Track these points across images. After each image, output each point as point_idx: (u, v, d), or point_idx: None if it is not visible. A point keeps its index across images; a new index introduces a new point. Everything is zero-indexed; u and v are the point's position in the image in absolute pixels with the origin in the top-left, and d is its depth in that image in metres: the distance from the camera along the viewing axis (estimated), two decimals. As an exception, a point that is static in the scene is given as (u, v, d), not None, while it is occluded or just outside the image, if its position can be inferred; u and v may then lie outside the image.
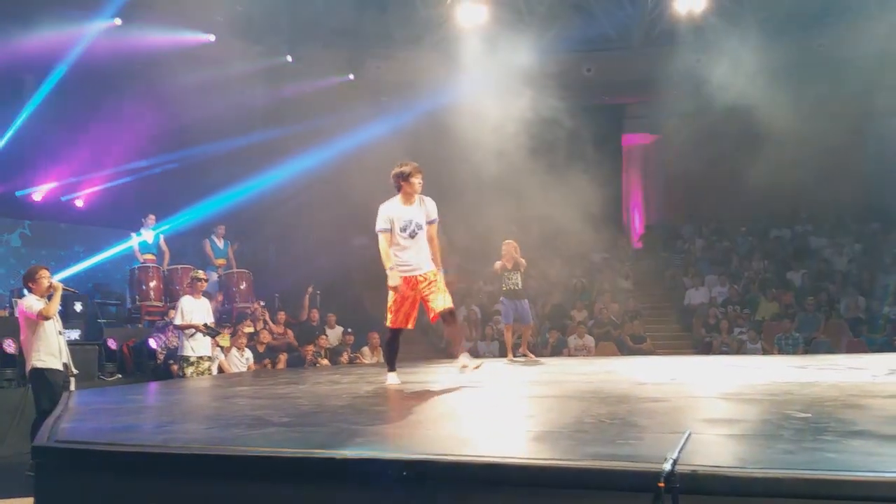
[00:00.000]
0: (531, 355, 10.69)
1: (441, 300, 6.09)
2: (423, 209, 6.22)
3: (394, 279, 6.08)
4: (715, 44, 15.95)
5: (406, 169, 6.14)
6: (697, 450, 2.82)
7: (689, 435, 2.92)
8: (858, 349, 13.04)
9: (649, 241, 19.49)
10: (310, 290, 14.13)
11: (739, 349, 13.65)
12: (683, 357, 12.24)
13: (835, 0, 16.61)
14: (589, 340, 14.08)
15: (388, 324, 6.28)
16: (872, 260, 16.05)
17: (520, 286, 10.30)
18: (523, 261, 10.32)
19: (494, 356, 13.98)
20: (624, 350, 14.15)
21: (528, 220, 18.02)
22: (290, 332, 13.00)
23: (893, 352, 12.07)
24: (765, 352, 13.30)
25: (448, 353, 5.76)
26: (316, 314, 13.62)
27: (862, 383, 5.59)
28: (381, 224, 6.15)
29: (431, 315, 6.16)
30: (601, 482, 2.52)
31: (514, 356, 10.44)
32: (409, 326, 6.32)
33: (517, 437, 3.47)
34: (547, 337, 14.50)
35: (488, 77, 14.96)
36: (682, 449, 2.62)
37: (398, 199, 6.19)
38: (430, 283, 6.13)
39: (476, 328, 15.06)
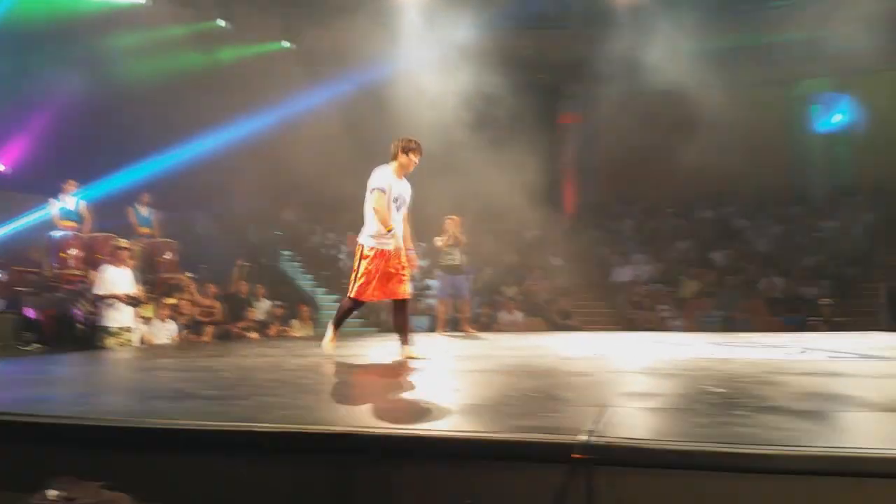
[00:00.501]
0: (472, 330, 10.81)
1: (408, 287, 5.99)
2: (409, 189, 6.10)
3: (389, 242, 5.78)
4: (651, 27, 16.17)
5: (413, 143, 5.99)
6: (614, 422, 2.89)
7: (607, 408, 2.99)
8: (775, 328, 13.56)
9: (581, 219, 19.78)
10: (239, 262, 13.88)
11: (662, 326, 14.05)
12: (609, 333, 12.53)
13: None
14: (519, 316, 14.26)
15: (354, 294, 5.94)
16: (791, 242, 16.65)
17: (457, 262, 10.41)
18: (463, 237, 10.44)
19: (423, 331, 14.05)
20: (552, 326, 14.39)
21: (462, 196, 18.09)
22: (218, 304, 12.76)
23: (808, 331, 12.60)
24: (686, 329, 13.71)
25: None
26: (245, 286, 13.40)
27: (776, 361, 5.81)
28: (379, 182, 5.84)
29: (393, 295, 5.92)
30: (518, 454, 2.56)
31: (450, 331, 10.59)
32: (380, 298, 6.09)
33: (441, 411, 3.49)
34: (479, 312, 14.62)
35: (427, 51, 14.85)
36: (598, 421, 2.68)
37: (392, 168, 5.95)
38: (403, 266, 5.94)
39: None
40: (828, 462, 2.38)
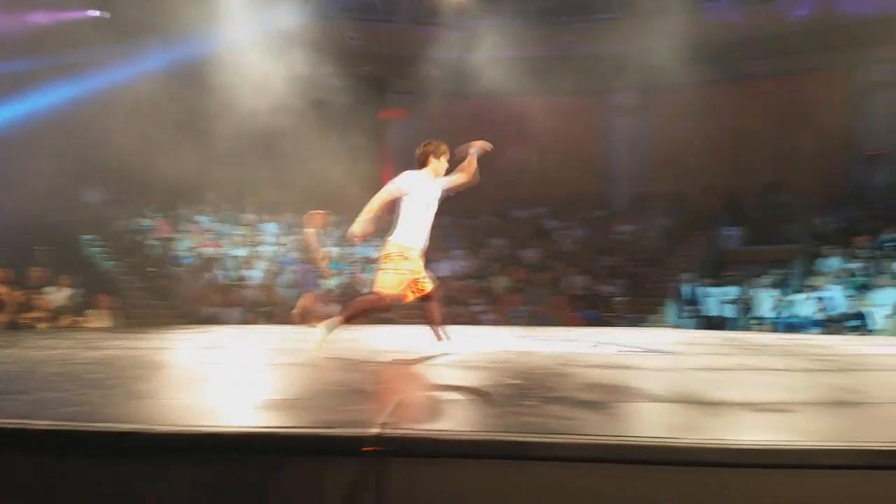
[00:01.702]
0: (315, 323, 10.70)
1: (431, 282, 5.89)
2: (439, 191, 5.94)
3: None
4: (474, 31, 16.66)
5: (443, 147, 5.93)
6: (409, 414, 2.95)
7: (401, 400, 3.04)
8: (575, 322, 14.47)
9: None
10: (36, 247, 12.76)
11: (475, 320, 14.55)
12: (422, 327, 12.77)
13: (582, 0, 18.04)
14: (336, 309, 14.16)
15: (388, 291, 5.68)
16: (593, 243, 17.80)
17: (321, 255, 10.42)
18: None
19: (237, 323, 13.64)
20: (372, 319, 14.43)
21: (284, 183, 17.75)
22: (6, 289, 11.65)
23: (604, 326, 13.55)
24: (497, 323, 14.29)
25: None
26: (39, 273, 12.33)
27: (571, 353, 6.19)
28: (404, 184, 5.78)
29: (417, 295, 5.81)
30: (310, 448, 2.54)
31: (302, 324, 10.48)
32: (407, 299, 5.93)
33: (239, 407, 3.40)
34: (293, 305, 14.40)
35: (249, 32, 14.37)
36: (391, 414, 2.72)
37: (425, 173, 5.88)
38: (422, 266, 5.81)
39: (221, 294, 14.53)
40: (605, 450, 2.56)
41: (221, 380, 4.53)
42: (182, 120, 14.38)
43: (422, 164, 5.99)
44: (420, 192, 5.86)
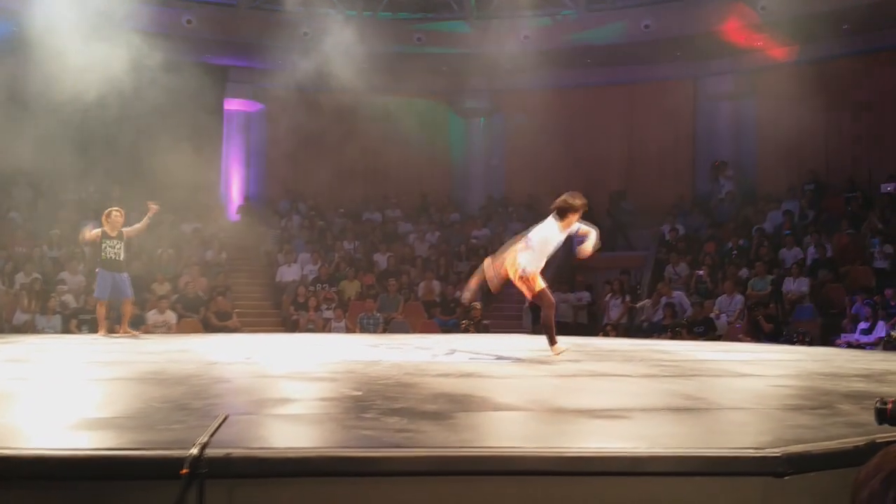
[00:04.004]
0: (133, 332, 10.25)
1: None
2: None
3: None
4: (323, 20, 16.49)
5: (585, 205, 7.03)
6: (238, 432, 2.86)
7: (227, 417, 2.95)
8: (431, 329, 14.62)
9: (247, 214, 19.49)
10: None
11: (325, 327, 14.38)
12: (268, 335, 12.52)
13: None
14: (171, 316, 13.59)
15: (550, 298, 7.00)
16: (449, 247, 18.07)
17: (122, 258, 9.88)
18: (130, 230, 10.06)
19: (56, 331, 12.80)
20: (208, 328, 13.97)
21: (110, 179, 16.84)
22: None
23: (460, 333, 13.79)
24: (348, 330, 14.20)
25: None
26: None
27: (421, 362, 6.24)
28: (536, 240, 6.93)
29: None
30: (125, 472, 2.41)
31: (114, 333, 9.95)
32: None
33: (45, 428, 3.17)
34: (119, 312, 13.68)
35: (66, 10, 13.43)
36: (214, 432, 2.63)
37: (559, 224, 6.93)
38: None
39: (35, 299, 13.55)
40: (442, 462, 2.58)
41: (25, 397, 4.21)
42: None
43: (562, 216, 7.01)
44: (551, 244, 7.10)
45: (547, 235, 6.96)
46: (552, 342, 6.76)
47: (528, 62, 17.06)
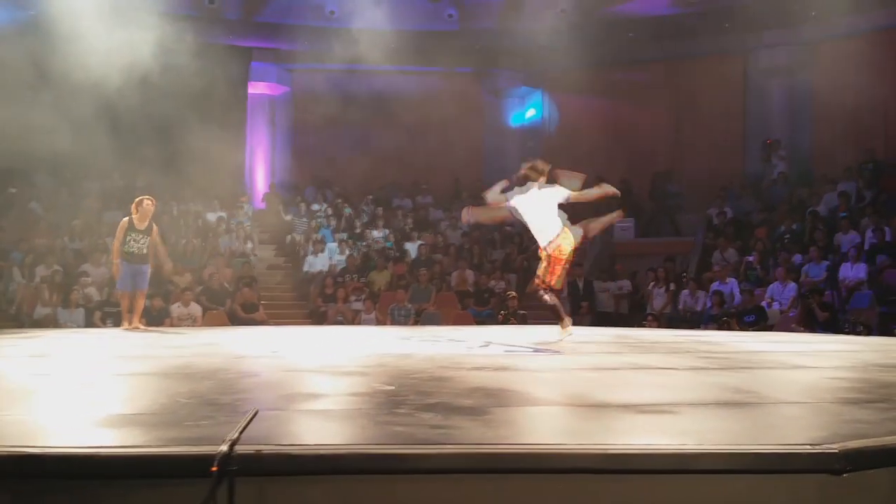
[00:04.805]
0: (142, 325, 10.44)
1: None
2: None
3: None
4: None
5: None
6: (268, 428, 2.90)
7: (257, 413, 2.99)
8: (465, 321, 14.65)
9: (272, 202, 19.67)
10: None
11: (354, 319, 14.48)
12: (296, 327, 12.65)
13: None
14: (196, 309, 13.80)
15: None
16: (483, 235, 18.05)
17: (145, 251, 10.08)
18: (157, 238, 10.23)
19: (78, 325, 13.06)
20: (235, 320, 14.15)
21: (134, 168, 17.07)
22: None
23: (496, 324, 13.80)
24: (379, 322, 14.28)
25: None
26: None
27: (455, 355, 6.26)
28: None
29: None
30: (149, 470, 2.45)
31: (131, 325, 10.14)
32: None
33: (69, 425, 3.24)
34: (148, 304, 13.89)
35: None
36: (244, 429, 2.67)
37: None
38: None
39: (56, 292, 13.80)
40: (479, 459, 2.59)
41: (48, 393, 4.31)
42: (12, 89, 13.58)
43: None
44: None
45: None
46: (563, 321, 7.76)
47: (565, 37, 16.92)
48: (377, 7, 15.76)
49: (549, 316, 8.49)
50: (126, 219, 10.06)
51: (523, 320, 14.15)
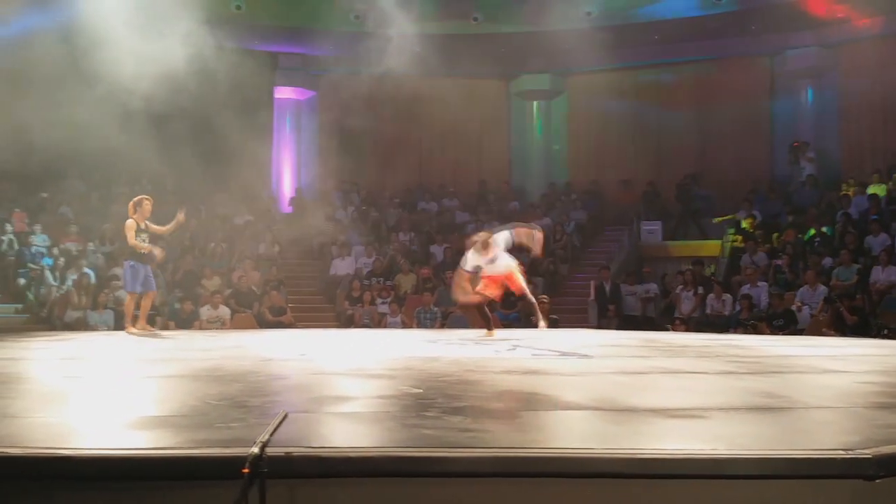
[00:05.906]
0: (150, 327, 10.43)
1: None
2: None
3: None
4: (374, 2, 16.52)
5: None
6: (298, 430, 2.92)
7: (286, 416, 3.00)
8: (493, 324, 14.57)
9: (299, 206, 19.76)
10: None
11: (381, 322, 14.51)
12: (323, 330, 12.69)
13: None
14: (224, 311, 13.90)
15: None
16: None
17: (149, 249, 10.06)
18: (156, 228, 10.15)
19: (109, 328, 13.19)
20: (263, 323, 14.23)
21: (160, 174, 17.22)
22: None
23: (524, 327, 13.74)
24: (405, 325, 14.29)
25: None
26: None
27: (482, 358, 6.25)
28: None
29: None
30: (184, 472, 2.47)
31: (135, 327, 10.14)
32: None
33: (101, 427, 3.28)
34: (177, 307, 14.04)
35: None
36: (274, 431, 2.68)
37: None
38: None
39: (86, 296, 13.97)
40: (508, 463, 2.59)
41: (79, 396, 4.36)
42: (45, 93, 13.77)
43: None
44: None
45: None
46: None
47: (590, 40, 16.85)
48: (403, 11, 15.77)
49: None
50: (131, 220, 9.91)
51: (556, 324, 14.08)
